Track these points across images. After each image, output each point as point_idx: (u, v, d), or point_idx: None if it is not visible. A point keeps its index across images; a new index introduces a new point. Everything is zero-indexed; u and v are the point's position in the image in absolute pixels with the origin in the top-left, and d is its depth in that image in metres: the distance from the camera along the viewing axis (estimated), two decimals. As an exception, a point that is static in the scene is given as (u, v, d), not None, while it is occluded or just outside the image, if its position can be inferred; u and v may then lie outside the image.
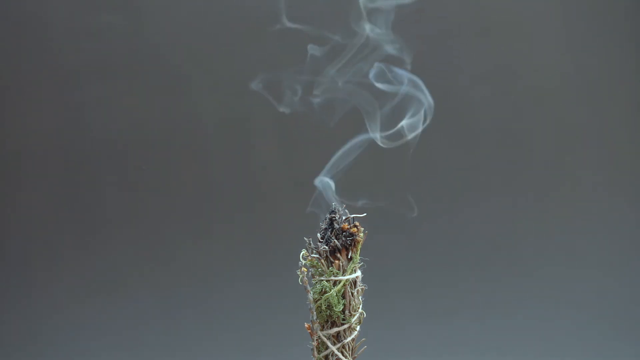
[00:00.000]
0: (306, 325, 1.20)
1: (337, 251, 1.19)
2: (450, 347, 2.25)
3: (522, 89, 2.40)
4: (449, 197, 2.38)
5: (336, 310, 1.18)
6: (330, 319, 1.19)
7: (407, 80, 1.28)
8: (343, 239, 1.19)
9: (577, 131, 2.41)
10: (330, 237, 1.19)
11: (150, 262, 2.34)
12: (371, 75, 1.29)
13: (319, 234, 1.20)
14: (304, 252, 1.19)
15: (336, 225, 1.19)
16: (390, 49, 1.31)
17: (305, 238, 1.19)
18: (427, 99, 1.27)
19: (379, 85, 1.29)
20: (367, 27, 1.32)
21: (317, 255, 1.19)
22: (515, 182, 2.39)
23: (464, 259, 2.36)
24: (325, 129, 1.58)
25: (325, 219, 1.20)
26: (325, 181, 1.25)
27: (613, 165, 2.40)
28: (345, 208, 1.21)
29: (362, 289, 1.21)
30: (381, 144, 1.27)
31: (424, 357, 2.23)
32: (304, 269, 1.19)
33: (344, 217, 1.20)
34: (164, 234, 2.36)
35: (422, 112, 1.27)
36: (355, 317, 1.20)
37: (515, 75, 2.41)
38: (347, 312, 1.19)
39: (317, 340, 1.19)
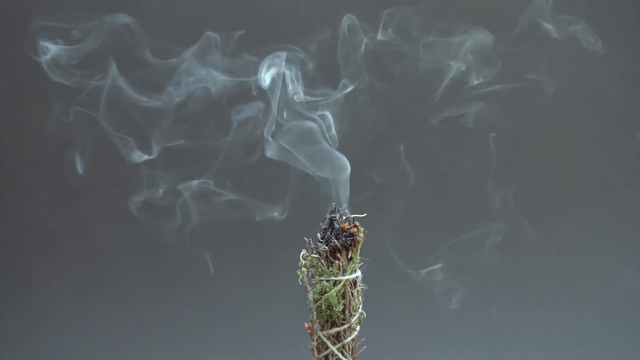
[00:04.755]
0: (306, 325, 1.20)
1: (337, 251, 1.19)
2: (450, 346, 2.25)
3: (523, 89, 2.40)
4: (449, 197, 2.38)
5: (336, 310, 1.18)
6: (330, 319, 1.19)
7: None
8: (343, 239, 1.19)
9: (576, 129, 2.41)
10: (330, 237, 1.19)
11: (150, 261, 2.34)
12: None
13: (319, 234, 1.20)
14: (304, 252, 1.19)
15: (336, 225, 1.19)
16: None
17: (305, 238, 1.19)
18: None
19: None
20: None
21: (317, 255, 1.19)
22: (514, 180, 2.39)
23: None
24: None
25: (325, 219, 1.20)
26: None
27: (614, 164, 2.40)
28: (345, 208, 1.21)
29: (362, 289, 1.21)
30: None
31: (424, 357, 2.23)
32: (304, 269, 1.19)
33: (344, 217, 1.20)
34: (163, 233, 2.35)
35: None
36: (355, 317, 1.20)
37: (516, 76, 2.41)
38: (347, 312, 1.19)
39: (317, 340, 1.19)
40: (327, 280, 1.19)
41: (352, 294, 1.20)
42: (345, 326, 1.19)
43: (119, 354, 2.25)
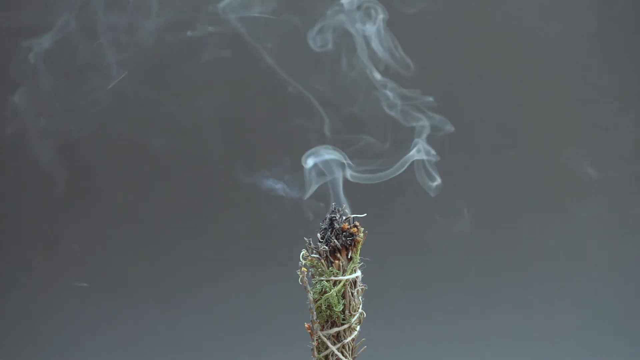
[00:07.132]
0: (306, 325, 1.20)
1: (337, 251, 1.19)
2: (450, 346, 2.25)
3: (522, 90, 2.40)
4: (449, 197, 2.38)
5: (336, 310, 1.18)
6: (330, 319, 1.19)
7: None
8: (343, 239, 1.19)
9: (576, 128, 2.41)
10: (330, 237, 1.19)
11: (149, 260, 2.34)
12: None
13: (319, 234, 1.20)
14: (304, 252, 1.19)
15: (336, 225, 1.19)
16: None
17: (305, 238, 1.19)
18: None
19: None
20: None
21: (317, 255, 1.19)
22: (514, 181, 2.39)
23: (465, 258, 2.35)
24: (325, 130, 1.58)
25: (325, 219, 1.20)
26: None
27: (612, 163, 2.39)
28: (346, 208, 1.21)
29: (362, 289, 1.21)
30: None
31: (424, 357, 2.23)
32: (304, 269, 1.19)
33: (344, 217, 1.20)
34: (163, 232, 2.36)
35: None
36: (355, 317, 1.20)
37: (516, 76, 2.41)
38: (347, 312, 1.19)
39: (317, 340, 1.19)
40: (327, 280, 1.19)
41: (352, 294, 1.20)
42: (345, 326, 1.19)
43: (118, 353, 2.25)
